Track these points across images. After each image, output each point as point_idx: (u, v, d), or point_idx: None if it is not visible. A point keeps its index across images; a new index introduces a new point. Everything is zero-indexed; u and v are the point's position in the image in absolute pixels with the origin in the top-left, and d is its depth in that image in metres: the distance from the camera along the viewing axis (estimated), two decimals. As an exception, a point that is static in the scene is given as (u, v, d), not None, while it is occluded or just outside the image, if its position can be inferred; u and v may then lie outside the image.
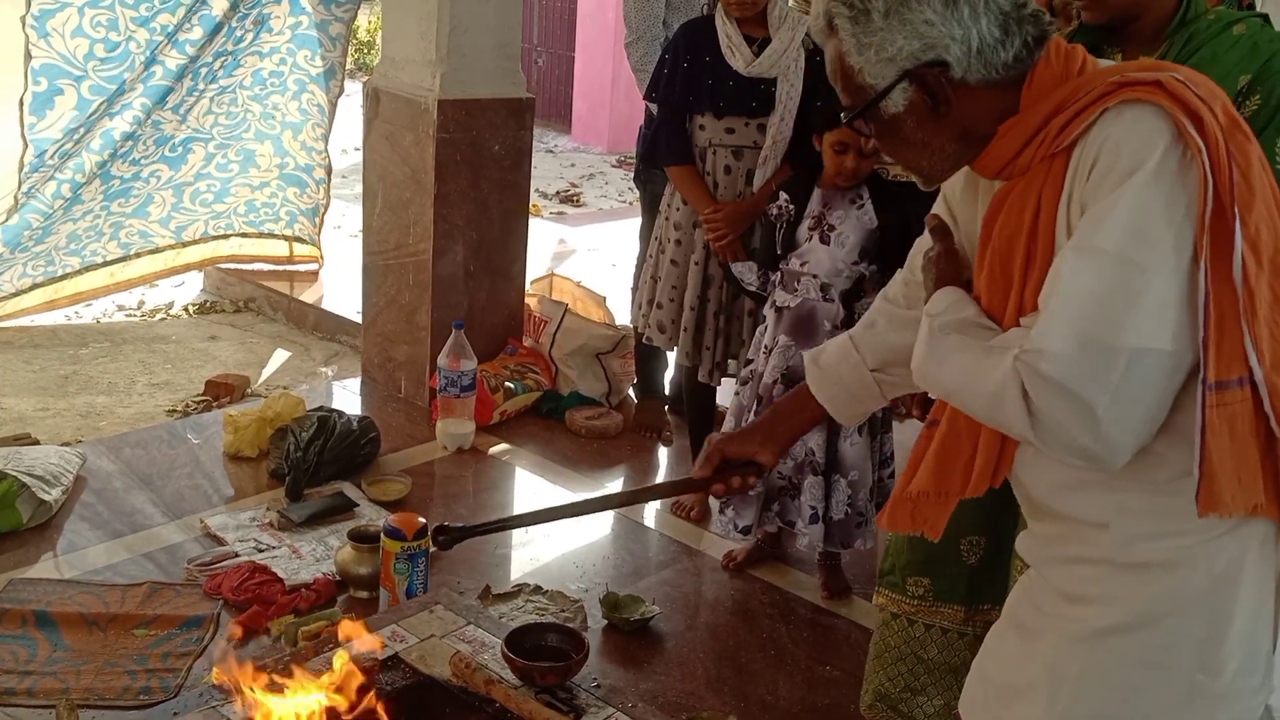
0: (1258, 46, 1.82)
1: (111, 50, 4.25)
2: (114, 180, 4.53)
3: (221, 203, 5.02)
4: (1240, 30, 1.84)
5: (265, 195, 5.14)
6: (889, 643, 2.22)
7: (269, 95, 4.91)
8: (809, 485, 2.83)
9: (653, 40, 3.61)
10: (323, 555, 2.92)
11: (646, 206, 3.80)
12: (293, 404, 3.50)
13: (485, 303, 3.99)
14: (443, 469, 3.57)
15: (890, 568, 2.20)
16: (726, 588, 3.01)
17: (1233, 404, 1.15)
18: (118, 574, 2.82)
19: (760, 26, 3.06)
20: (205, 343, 4.73)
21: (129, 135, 4.43)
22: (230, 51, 4.65)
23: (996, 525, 2.09)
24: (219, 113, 4.78)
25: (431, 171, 3.73)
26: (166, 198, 4.81)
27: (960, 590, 2.13)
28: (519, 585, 2.86)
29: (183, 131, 4.68)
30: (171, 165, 4.74)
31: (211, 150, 4.85)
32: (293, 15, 4.79)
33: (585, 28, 11.03)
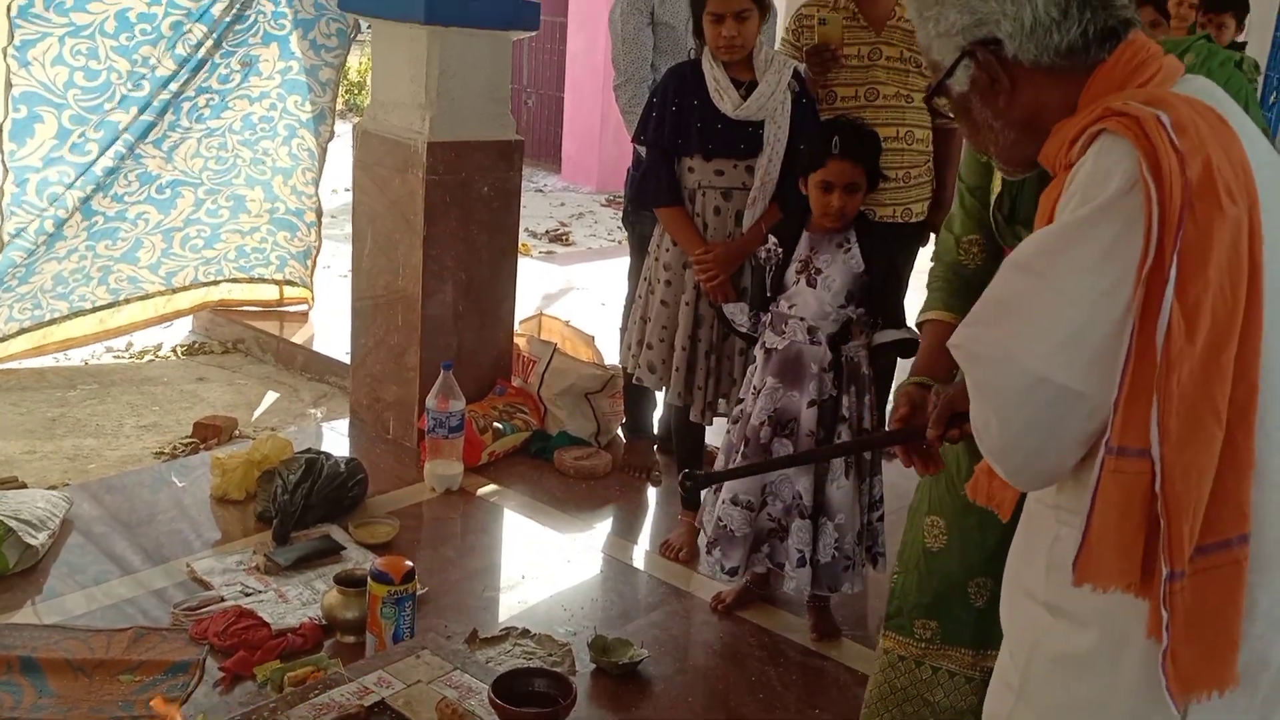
0: (1211, 75, 1.78)
1: (92, 79, 4.28)
2: (97, 217, 4.53)
3: (211, 248, 5.03)
4: (1190, 60, 1.83)
5: (255, 240, 5.16)
6: (895, 684, 2.20)
7: (259, 140, 4.93)
8: (796, 528, 2.83)
9: (640, 83, 3.65)
10: (309, 599, 2.91)
11: (635, 247, 3.82)
12: (280, 446, 3.49)
13: (474, 343, 4.00)
14: (431, 511, 3.56)
15: (897, 610, 2.18)
16: (715, 630, 3.00)
17: (1129, 473, 1.09)
18: (104, 619, 2.80)
19: (747, 70, 3.10)
20: (194, 384, 4.73)
21: (110, 170, 4.44)
22: (217, 90, 4.67)
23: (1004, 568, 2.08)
24: (208, 156, 4.80)
25: (421, 213, 3.75)
26: (156, 243, 4.81)
27: (968, 633, 2.11)
28: (506, 629, 2.85)
29: (170, 173, 4.69)
30: (160, 209, 4.75)
31: (201, 195, 4.87)
32: (282, 60, 4.83)
33: (574, 69, 11.13)
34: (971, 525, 2.06)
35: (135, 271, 4.82)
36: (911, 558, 2.16)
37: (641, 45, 3.64)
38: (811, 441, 2.81)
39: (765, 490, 2.86)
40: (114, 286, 4.78)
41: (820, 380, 2.80)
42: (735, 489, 2.85)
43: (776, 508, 2.86)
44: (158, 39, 4.38)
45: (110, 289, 4.78)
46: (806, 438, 2.81)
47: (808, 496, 2.82)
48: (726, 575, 2.90)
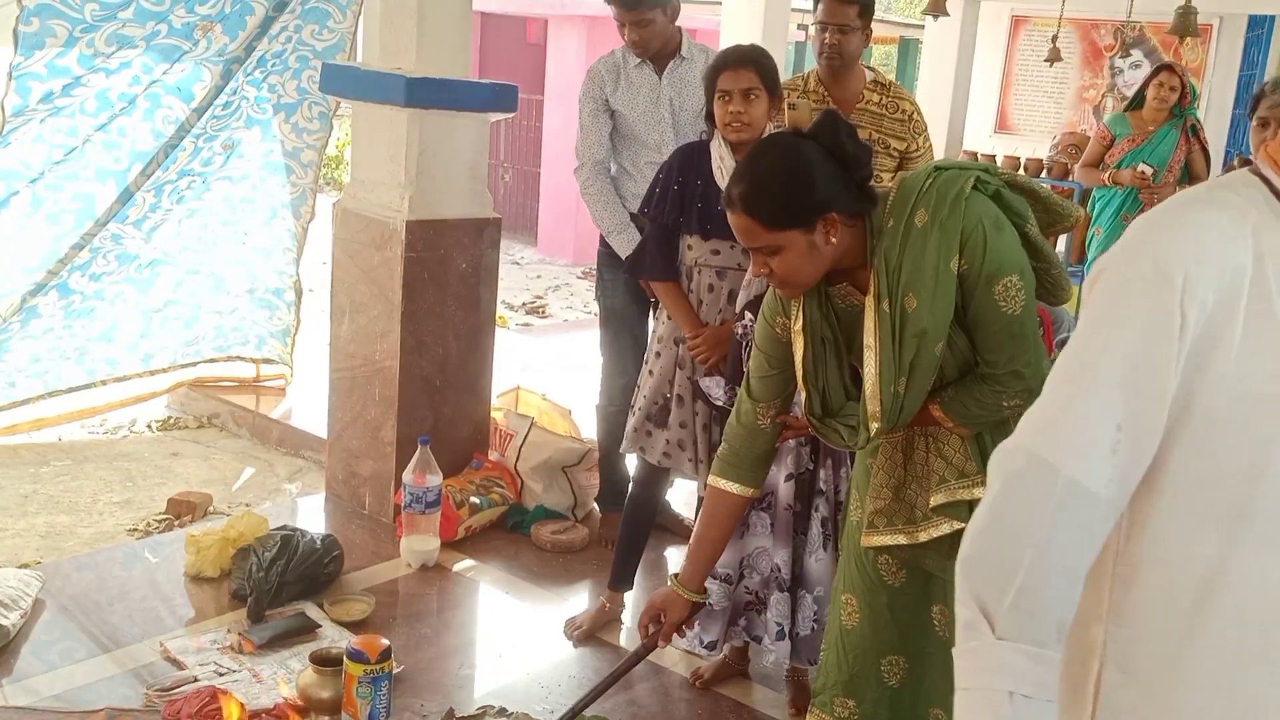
0: (945, 229, 1.82)
1: (68, 154, 4.31)
2: (74, 296, 4.53)
3: (190, 329, 5.04)
4: (922, 219, 1.84)
5: (234, 320, 5.17)
6: None
7: (240, 221, 4.97)
8: (775, 601, 2.83)
9: (596, 165, 3.76)
10: (284, 678, 2.88)
11: (604, 318, 3.88)
12: (255, 523, 3.48)
13: (451, 417, 4.02)
14: (407, 587, 3.54)
15: (821, 687, 2.19)
16: (693, 707, 2.99)
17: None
18: (74, 700, 2.76)
19: None
20: (168, 459, 4.70)
21: (82, 246, 4.45)
22: (199, 173, 4.71)
23: (920, 646, 2.09)
24: (188, 237, 4.82)
25: (399, 289, 3.78)
26: (134, 324, 4.81)
27: (883, 715, 2.11)
28: (483, 707, 2.82)
29: (149, 252, 4.71)
30: (139, 288, 4.75)
31: (181, 275, 4.89)
32: (264, 142, 4.88)
33: (551, 144, 11.28)
34: (881, 604, 2.09)
35: (112, 352, 4.82)
36: (831, 635, 2.19)
37: (597, 131, 3.74)
38: (789, 515, 2.82)
39: (743, 564, 2.88)
40: (90, 367, 4.77)
41: (798, 454, 2.83)
42: (712, 563, 2.85)
43: (754, 580, 2.87)
44: (134, 111, 4.43)
45: (86, 370, 4.76)
46: (784, 510, 2.83)
47: (786, 569, 2.83)
48: (705, 649, 2.90)
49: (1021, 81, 10.23)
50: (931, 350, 1.85)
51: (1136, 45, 9.64)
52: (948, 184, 1.85)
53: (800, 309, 1.98)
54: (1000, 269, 1.84)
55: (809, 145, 1.86)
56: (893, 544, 2.03)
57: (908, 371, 1.86)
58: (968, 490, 1.95)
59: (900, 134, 3.49)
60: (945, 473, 1.97)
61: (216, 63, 4.55)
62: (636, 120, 3.68)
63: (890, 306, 1.85)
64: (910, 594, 2.07)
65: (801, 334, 1.98)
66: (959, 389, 1.92)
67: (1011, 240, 1.87)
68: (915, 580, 2.07)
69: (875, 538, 2.05)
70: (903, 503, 2.03)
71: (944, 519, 1.97)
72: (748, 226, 1.87)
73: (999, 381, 1.89)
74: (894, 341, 1.86)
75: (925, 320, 1.83)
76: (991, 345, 1.89)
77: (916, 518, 2.01)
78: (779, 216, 1.84)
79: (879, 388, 1.88)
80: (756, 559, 2.86)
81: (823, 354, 1.99)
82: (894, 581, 2.08)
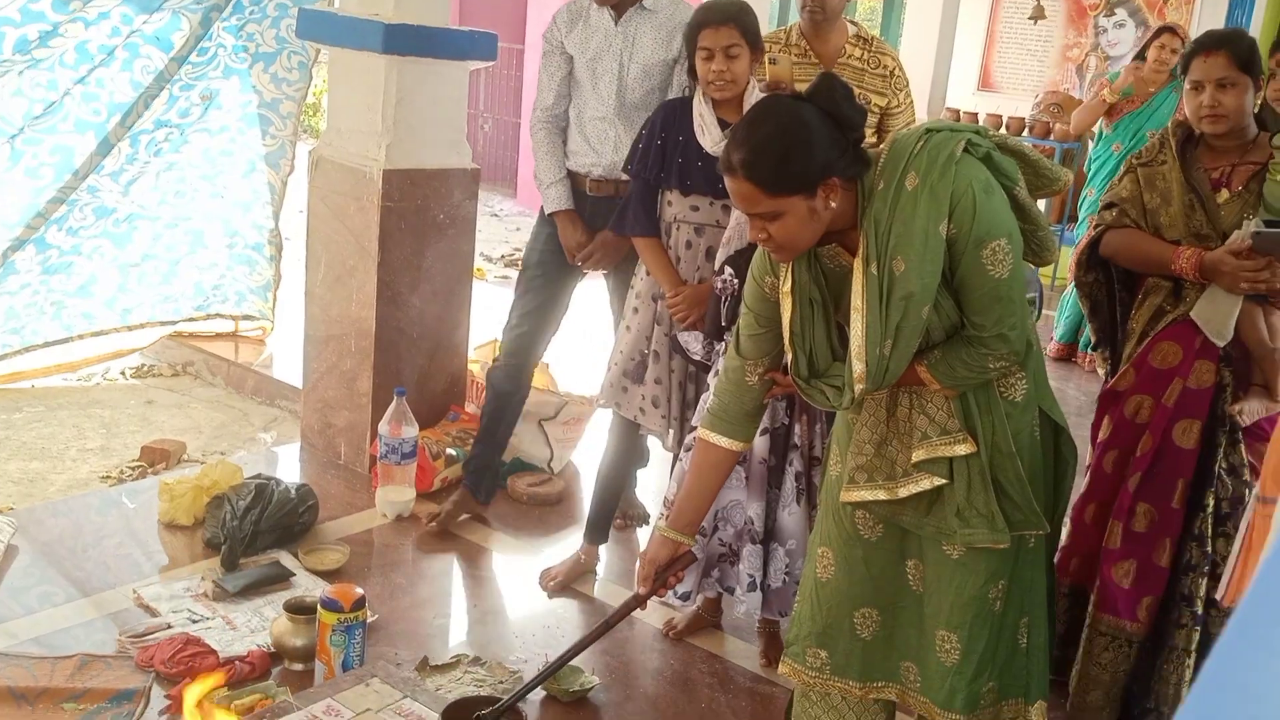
0: (935, 192, 1.82)
1: (48, 107, 4.24)
2: (51, 250, 4.47)
3: (168, 285, 4.97)
4: (912, 183, 1.84)
5: (214, 276, 5.09)
6: (811, 714, 2.23)
7: (218, 175, 4.88)
8: (747, 554, 2.86)
9: (544, 113, 3.52)
10: (257, 626, 2.89)
11: (522, 268, 3.68)
12: (230, 471, 3.47)
13: (428, 369, 4.01)
14: (382, 537, 3.55)
15: (794, 637, 2.21)
16: (666, 657, 3.02)
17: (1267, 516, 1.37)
18: (47, 646, 2.76)
19: (737, 112, 3.10)
20: (142, 407, 4.68)
21: (60, 200, 4.39)
22: (176, 124, 4.63)
23: (893, 600, 2.12)
24: (166, 190, 4.74)
25: (376, 240, 3.75)
26: (111, 278, 4.75)
27: (855, 666, 2.14)
28: (457, 656, 2.84)
29: (127, 206, 4.64)
30: (116, 243, 4.69)
31: (159, 230, 4.81)
32: (243, 93, 4.79)
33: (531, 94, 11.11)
34: (857, 557, 2.11)
35: (90, 307, 4.76)
36: (806, 587, 2.21)
37: (549, 76, 3.51)
38: (764, 469, 2.84)
39: (717, 516, 2.89)
40: (67, 322, 4.71)
41: (773, 409, 2.84)
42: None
43: (728, 533, 2.89)
44: (112, 63, 4.35)
45: (64, 325, 4.70)
46: (759, 464, 2.84)
47: (759, 522, 2.85)
48: (679, 600, 2.92)
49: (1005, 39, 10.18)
50: (919, 313, 1.86)
51: (1121, 4, 9.60)
52: (939, 147, 1.84)
53: (789, 271, 1.98)
54: (989, 232, 1.84)
55: (807, 108, 1.84)
56: (872, 499, 2.05)
57: (894, 334, 1.87)
58: (949, 447, 1.97)
59: (881, 90, 3.47)
60: (928, 429, 1.99)
61: (195, 10, 4.47)
62: (584, 66, 3.45)
63: (878, 269, 1.85)
64: (886, 549, 2.10)
65: (790, 295, 1.98)
66: (945, 351, 1.93)
67: (1000, 204, 1.88)
68: (891, 535, 2.09)
69: (855, 493, 2.07)
70: (884, 459, 2.05)
71: (924, 475, 1.99)
72: (749, 192, 1.83)
73: (985, 344, 1.90)
74: (881, 304, 1.86)
75: (913, 283, 1.83)
76: (978, 308, 1.89)
77: (897, 473, 2.03)
78: (781, 182, 1.81)
79: (865, 349, 1.88)
80: (730, 512, 2.88)
81: (810, 315, 1.99)
82: (870, 536, 2.11)
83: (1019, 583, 2.07)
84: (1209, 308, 2.58)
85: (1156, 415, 2.67)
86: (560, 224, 3.46)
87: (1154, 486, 2.67)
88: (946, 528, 2.00)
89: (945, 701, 2.05)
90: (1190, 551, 2.67)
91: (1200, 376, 2.63)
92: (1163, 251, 2.61)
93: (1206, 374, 2.63)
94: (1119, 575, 2.70)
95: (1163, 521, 2.67)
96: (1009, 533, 1.99)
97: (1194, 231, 2.59)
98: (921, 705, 2.11)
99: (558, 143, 3.51)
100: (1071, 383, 5.81)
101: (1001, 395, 1.99)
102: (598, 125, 3.42)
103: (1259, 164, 2.58)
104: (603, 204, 3.44)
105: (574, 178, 3.49)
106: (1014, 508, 2.00)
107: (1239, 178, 2.59)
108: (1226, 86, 2.54)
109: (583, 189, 3.48)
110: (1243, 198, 2.58)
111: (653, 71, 3.39)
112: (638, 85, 3.40)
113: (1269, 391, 2.62)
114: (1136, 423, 2.71)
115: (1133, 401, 2.72)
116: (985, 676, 2.04)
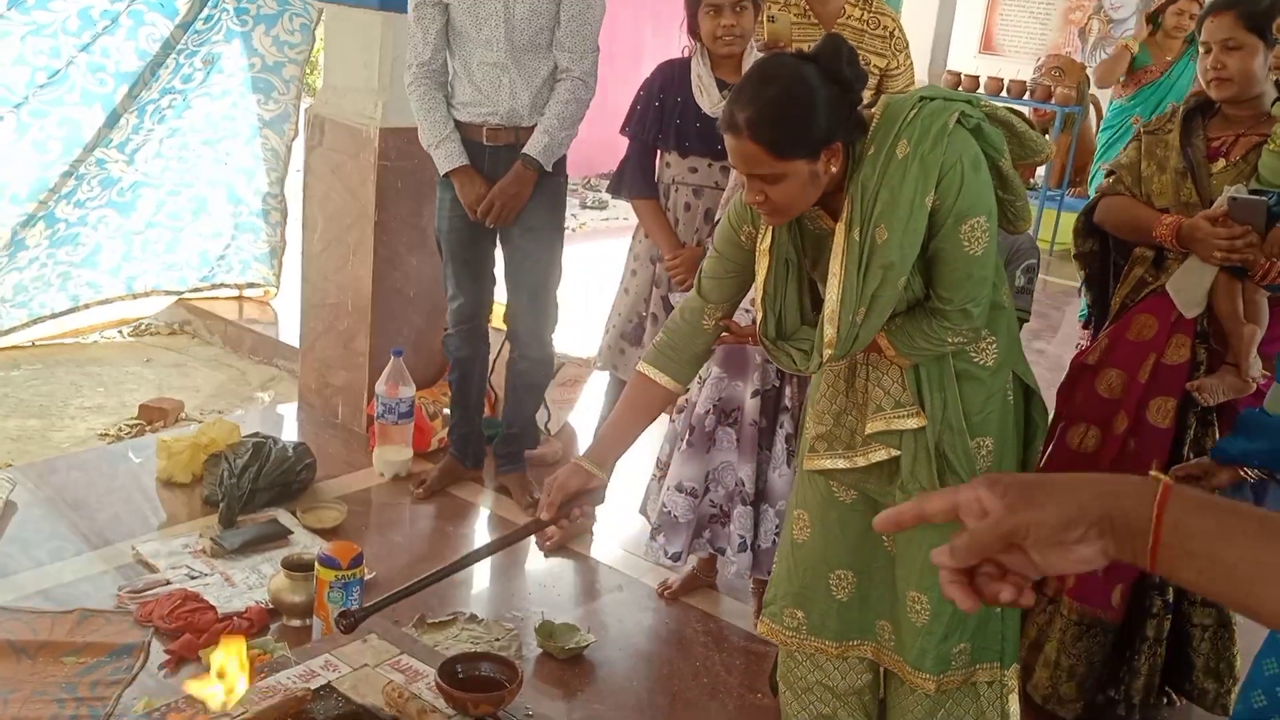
0: (925, 163, 1.80)
1: (52, 76, 4.19)
2: (59, 224, 4.43)
3: (173, 253, 4.91)
4: (903, 151, 1.82)
5: (219, 246, 5.02)
6: (795, 674, 2.24)
7: (221, 140, 4.82)
8: (738, 515, 2.88)
9: (421, 68, 3.30)
10: (255, 583, 2.92)
11: (437, 242, 3.53)
12: (228, 430, 3.49)
13: (425, 329, 4.01)
14: (379, 496, 3.57)
15: (772, 597, 2.23)
16: (661, 616, 3.05)
17: None
18: (47, 600, 2.79)
19: (736, 73, 3.08)
20: (139, 366, 4.68)
21: (69, 174, 4.34)
22: (179, 90, 4.57)
23: (868, 562, 2.13)
24: (169, 157, 4.68)
25: (373, 199, 3.75)
26: (116, 247, 4.70)
27: (831, 626, 2.16)
28: (454, 614, 2.87)
29: (131, 175, 4.59)
30: (121, 211, 4.64)
31: (163, 197, 4.76)
32: (245, 57, 4.71)
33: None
34: (833, 519, 2.13)
35: (95, 276, 4.71)
36: (784, 548, 2.23)
37: (423, 29, 3.28)
38: (754, 431, 2.86)
39: (708, 477, 2.91)
40: (73, 293, 4.67)
41: (764, 370, 2.85)
42: (679, 476, 2.89)
43: (719, 494, 2.91)
44: (117, 30, 4.28)
45: (70, 295, 4.66)
46: (750, 426, 2.86)
47: (750, 484, 2.87)
48: (670, 560, 2.95)
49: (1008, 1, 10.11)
50: (895, 283, 1.85)
51: (1125, -33, 9.52)
52: (932, 116, 1.83)
53: (769, 229, 1.97)
54: (971, 209, 1.84)
55: (810, 70, 1.81)
56: (833, 468, 2.07)
57: (869, 302, 1.86)
58: (902, 420, 1.99)
59: (881, 51, 3.45)
60: (883, 401, 2.00)
61: (199, -27, 4.41)
62: (465, 13, 3.23)
63: (860, 235, 1.84)
64: (860, 511, 2.11)
65: (767, 254, 1.97)
66: (906, 320, 1.93)
67: (985, 181, 1.87)
68: (865, 498, 2.11)
69: (817, 461, 2.09)
70: (842, 428, 2.07)
71: (879, 446, 2.01)
72: (753, 154, 1.80)
73: (947, 318, 1.90)
74: (859, 271, 1.85)
75: (894, 253, 1.83)
76: (948, 283, 1.89)
77: (855, 443, 2.05)
78: (788, 146, 1.78)
79: (839, 314, 1.88)
80: (721, 473, 2.90)
81: (784, 276, 1.98)
82: (845, 499, 2.12)
83: None
84: (1183, 277, 2.50)
85: (1131, 391, 2.57)
86: (458, 181, 3.29)
87: (1127, 468, 2.54)
88: (891, 500, 2.02)
89: (916, 661, 2.07)
90: None
91: (1176, 351, 2.54)
92: (1148, 218, 2.54)
93: (1182, 349, 2.54)
94: None
95: None
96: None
97: (1182, 200, 2.52)
98: (895, 664, 2.13)
99: (439, 98, 3.31)
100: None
101: (972, 360, 2.00)
102: (489, 71, 3.24)
103: (1265, 135, 2.46)
104: (502, 153, 3.29)
105: (466, 129, 3.30)
106: (958, 482, 2.00)
107: (1240, 148, 2.50)
108: (1232, 49, 2.43)
109: (478, 139, 3.29)
110: (1238, 168, 2.49)
111: (541, 10, 3.21)
112: (526, 25, 3.21)
113: (1239, 370, 2.51)
114: (1106, 398, 2.61)
115: (1105, 376, 2.63)
116: (955, 638, 2.05)
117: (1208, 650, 2.63)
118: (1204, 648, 2.63)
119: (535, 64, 3.25)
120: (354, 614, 1.97)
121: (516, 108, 3.26)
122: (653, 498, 3.03)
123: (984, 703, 2.13)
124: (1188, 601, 2.62)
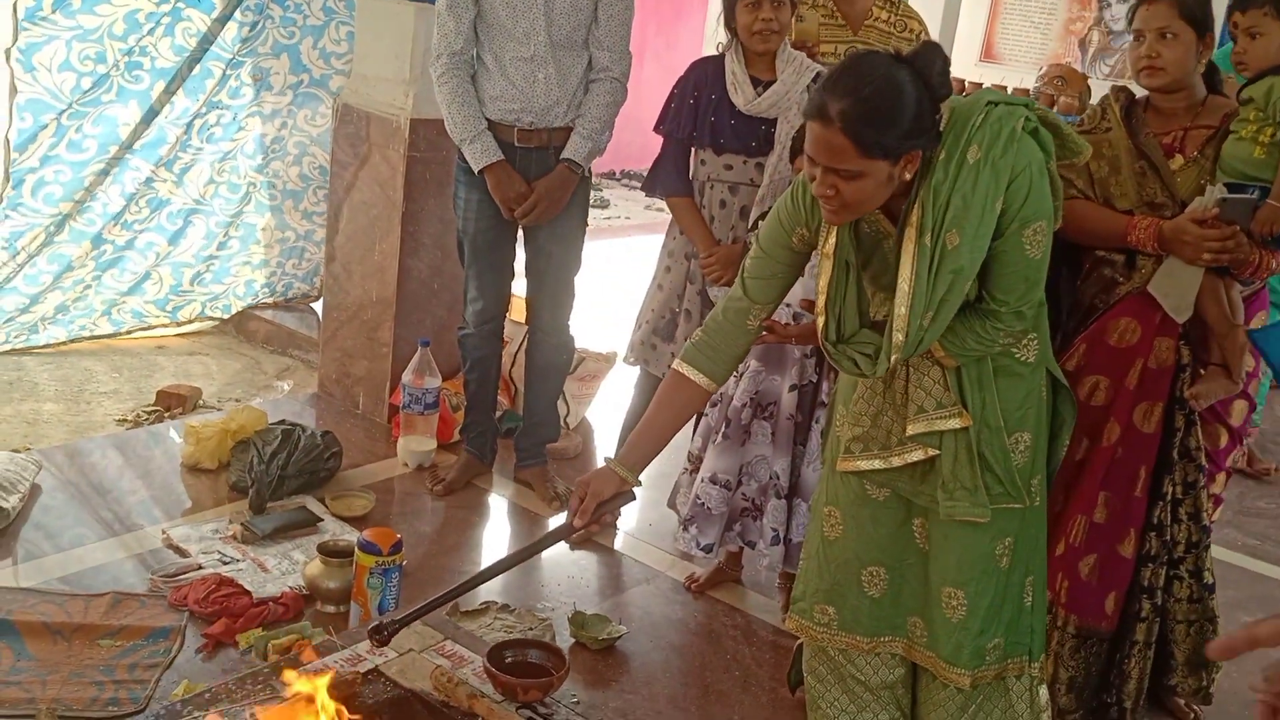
0: (996, 169, 1.81)
1: (97, 82, 4.14)
2: (106, 245, 4.38)
3: (220, 283, 4.85)
4: (975, 155, 1.82)
5: (264, 275, 4.95)
6: (823, 670, 2.25)
7: (270, 162, 4.74)
8: (772, 508, 2.89)
9: (452, 58, 3.21)
10: (288, 569, 2.91)
11: (459, 241, 3.48)
12: (256, 417, 3.48)
13: (448, 321, 4.00)
14: (403, 486, 3.57)
15: (801, 594, 2.23)
16: (690, 609, 3.06)
17: None
18: (79, 584, 2.78)
19: (769, 70, 3.08)
20: (153, 353, 4.66)
21: (105, 173, 4.28)
22: (228, 105, 4.50)
23: (900, 558, 2.14)
24: (220, 183, 4.61)
25: (401, 189, 3.75)
26: (164, 276, 4.64)
27: (863, 622, 2.16)
28: (487, 603, 2.88)
29: (181, 199, 4.53)
30: (170, 240, 4.58)
31: (213, 228, 4.68)
32: (293, 73, 4.65)
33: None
34: (865, 517, 2.13)
35: (141, 305, 4.66)
36: (812, 545, 2.22)
37: (455, 17, 3.18)
38: (790, 425, 2.87)
39: (742, 470, 2.92)
40: (116, 318, 4.62)
41: (802, 365, 2.87)
42: (714, 468, 2.90)
43: (752, 487, 2.92)
44: (156, 29, 4.22)
45: (113, 320, 4.61)
46: (786, 420, 2.87)
47: (784, 477, 2.88)
48: (702, 552, 2.95)
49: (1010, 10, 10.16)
50: (962, 288, 1.86)
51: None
52: (1001, 120, 1.83)
53: (831, 231, 1.97)
54: (1035, 214, 1.85)
55: (906, 73, 1.80)
56: (869, 469, 2.08)
57: (936, 306, 1.87)
58: (944, 420, 1.99)
59: (909, 53, 3.47)
60: (924, 403, 2.00)
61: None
62: (501, 4, 3.14)
63: (931, 240, 1.84)
64: (892, 508, 2.12)
65: (830, 258, 1.97)
66: (958, 322, 1.93)
67: (1047, 187, 1.89)
68: (898, 495, 2.12)
69: (852, 463, 2.09)
70: (879, 429, 2.07)
71: (917, 446, 2.02)
72: (841, 147, 1.78)
73: (1000, 319, 1.92)
74: (930, 276, 1.85)
75: (964, 257, 1.83)
76: (1006, 285, 1.90)
77: (891, 443, 2.05)
78: (877, 145, 1.77)
79: (908, 320, 1.88)
80: (756, 467, 2.91)
81: (844, 279, 1.99)
82: (878, 496, 2.12)
83: (1025, 540, 2.08)
84: (1168, 281, 2.41)
85: (1119, 398, 2.49)
86: (495, 178, 3.19)
87: (1116, 475, 2.51)
88: (922, 499, 2.04)
89: (951, 656, 2.07)
90: (1150, 542, 2.54)
91: (1161, 355, 2.47)
92: (1116, 222, 2.43)
93: (1167, 352, 2.47)
94: (1085, 571, 2.54)
95: (1126, 512, 2.52)
96: (989, 507, 2.00)
97: (1147, 200, 2.42)
98: (928, 660, 2.13)
99: (472, 91, 3.21)
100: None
101: (1015, 357, 2.01)
102: (523, 66, 3.15)
103: (1212, 128, 2.40)
104: (533, 156, 3.23)
105: (495, 129, 3.21)
106: (995, 481, 2.01)
107: (1192, 143, 2.42)
108: (1167, 37, 2.34)
109: (509, 140, 3.20)
110: (1198, 164, 2.41)
111: (581, 4, 3.15)
112: (566, 20, 3.15)
113: (1228, 372, 2.47)
114: (1091, 405, 2.51)
115: (1088, 382, 2.52)
116: (991, 633, 2.06)
117: (1190, 646, 2.62)
118: (1187, 644, 2.62)
119: (571, 61, 3.21)
120: (386, 626, 2.01)
121: (551, 106, 3.20)
122: (683, 491, 3.04)
123: (1013, 696, 2.14)
124: (1173, 600, 2.61)
